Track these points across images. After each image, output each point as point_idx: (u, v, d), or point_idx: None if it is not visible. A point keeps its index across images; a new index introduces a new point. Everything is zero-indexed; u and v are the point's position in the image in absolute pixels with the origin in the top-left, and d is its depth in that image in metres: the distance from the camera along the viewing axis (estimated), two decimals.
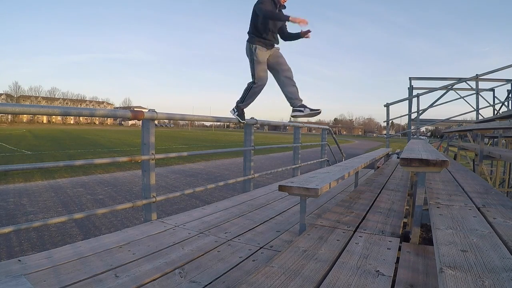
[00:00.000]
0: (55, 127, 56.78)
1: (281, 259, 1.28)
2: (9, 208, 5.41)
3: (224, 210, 2.70)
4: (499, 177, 6.48)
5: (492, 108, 7.45)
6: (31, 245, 3.94)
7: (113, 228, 4.46)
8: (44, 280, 1.39)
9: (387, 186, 3.03)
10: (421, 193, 1.69)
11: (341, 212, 2.05)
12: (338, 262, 1.28)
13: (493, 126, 3.78)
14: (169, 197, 2.64)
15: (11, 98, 72.41)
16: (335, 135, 6.80)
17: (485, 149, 4.11)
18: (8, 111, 1.63)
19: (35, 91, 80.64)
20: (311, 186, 1.75)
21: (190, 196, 6.53)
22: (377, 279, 1.13)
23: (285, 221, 2.42)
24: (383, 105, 6.76)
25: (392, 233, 1.66)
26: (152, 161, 2.36)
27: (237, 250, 1.81)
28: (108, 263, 1.58)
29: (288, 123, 6.46)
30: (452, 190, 2.16)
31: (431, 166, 1.62)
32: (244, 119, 3.19)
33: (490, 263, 0.94)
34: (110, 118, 42.86)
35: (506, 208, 1.64)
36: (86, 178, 8.57)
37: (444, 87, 7.32)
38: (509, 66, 6.63)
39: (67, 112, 1.90)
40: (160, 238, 1.98)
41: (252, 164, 3.60)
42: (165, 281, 1.42)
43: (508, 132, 5.41)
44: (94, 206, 5.75)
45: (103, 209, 2.16)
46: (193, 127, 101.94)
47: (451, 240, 1.14)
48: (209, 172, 10.34)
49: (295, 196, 1.90)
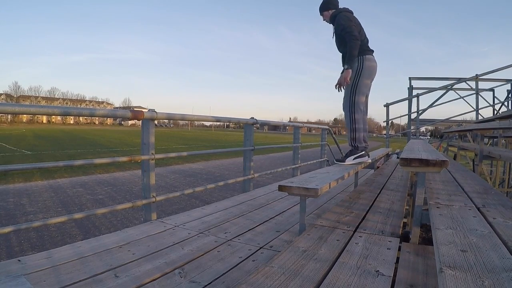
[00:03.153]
0: (55, 127, 56.74)
1: (281, 259, 1.28)
2: (9, 208, 5.41)
3: (224, 210, 2.70)
4: (499, 177, 6.48)
5: (492, 108, 7.45)
6: (31, 245, 3.94)
7: (113, 228, 4.46)
8: (44, 280, 1.39)
9: (387, 186, 3.03)
10: (421, 193, 1.69)
11: (341, 212, 2.05)
12: (338, 262, 1.28)
13: (493, 126, 3.78)
14: (169, 197, 2.64)
15: (11, 98, 72.38)
16: (335, 135, 6.80)
17: (485, 149, 4.11)
18: (8, 111, 1.63)
19: (34, 91, 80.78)
20: (311, 186, 1.75)
21: (190, 196, 6.53)
22: (377, 279, 1.13)
23: (285, 221, 2.42)
24: (383, 105, 6.77)
25: (392, 233, 1.66)
26: (152, 161, 2.35)
27: (237, 250, 1.80)
28: (108, 263, 1.57)
29: (288, 123, 6.47)
30: (452, 190, 2.16)
31: (431, 166, 1.62)
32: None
33: (490, 263, 0.94)
34: (110, 118, 42.49)
35: (506, 208, 1.64)
36: (86, 178, 8.56)
37: (444, 87, 7.32)
38: (508, 66, 6.63)
39: (67, 112, 1.90)
40: (160, 238, 1.97)
41: (252, 164, 3.60)
42: (165, 281, 1.42)
43: (508, 132, 5.41)
44: (94, 206, 5.75)
45: (103, 209, 2.16)
46: (193, 127, 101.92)
47: (451, 240, 1.14)
48: (209, 172, 10.34)
49: (295, 196, 1.90)
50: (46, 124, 70.49)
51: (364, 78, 2.61)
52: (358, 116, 2.64)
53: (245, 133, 3.64)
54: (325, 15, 2.81)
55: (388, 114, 6.77)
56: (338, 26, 2.61)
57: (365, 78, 2.62)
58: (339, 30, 2.59)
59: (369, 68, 2.63)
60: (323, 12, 2.82)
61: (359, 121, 2.64)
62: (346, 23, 2.54)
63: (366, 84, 2.65)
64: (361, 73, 2.60)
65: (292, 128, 5.19)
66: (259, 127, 54.47)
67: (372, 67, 2.67)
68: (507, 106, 7.66)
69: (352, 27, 2.52)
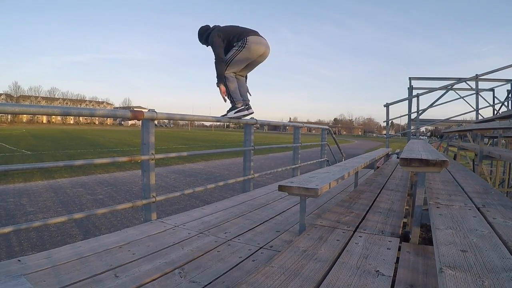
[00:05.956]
0: (55, 127, 56.75)
1: (281, 259, 1.28)
2: (9, 208, 5.41)
3: (224, 210, 2.70)
4: (499, 177, 6.48)
5: (492, 108, 7.45)
6: (31, 245, 3.93)
7: (113, 228, 4.46)
8: (44, 280, 1.39)
9: (387, 186, 3.03)
10: (421, 193, 1.69)
11: (341, 212, 2.05)
12: (338, 262, 1.28)
13: (493, 126, 3.78)
14: (169, 197, 2.64)
15: (11, 98, 72.40)
16: (335, 135, 6.80)
17: (485, 149, 4.11)
18: (8, 111, 1.63)
19: (34, 91, 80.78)
20: (311, 186, 1.75)
21: (190, 196, 6.53)
22: (377, 279, 1.13)
23: (285, 221, 2.42)
24: (383, 105, 6.77)
25: (392, 233, 1.66)
26: (152, 161, 2.35)
27: (237, 250, 1.80)
28: (108, 263, 1.57)
29: (288, 123, 6.46)
30: (452, 190, 2.16)
31: (431, 166, 1.62)
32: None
33: (490, 263, 0.94)
34: (110, 118, 42.34)
35: (506, 208, 1.64)
36: (86, 178, 8.56)
37: (444, 87, 7.32)
38: (508, 66, 6.63)
39: (67, 112, 1.90)
40: (160, 238, 1.97)
41: (252, 164, 3.60)
42: (165, 281, 1.42)
43: (508, 132, 5.41)
44: (94, 206, 5.75)
45: (103, 209, 2.16)
46: (193, 127, 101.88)
47: (451, 240, 1.14)
48: (209, 172, 10.34)
49: (295, 196, 1.90)
50: (46, 124, 70.50)
51: (241, 55, 2.96)
52: (229, 82, 3.01)
53: (245, 133, 3.64)
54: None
55: (388, 114, 6.77)
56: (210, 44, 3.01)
57: (242, 55, 2.97)
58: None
59: (250, 48, 2.96)
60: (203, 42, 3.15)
61: (230, 85, 3.02)
62: (214, 45, 2.95)
63: (240, 60, 2.99)
64: (243, 50, 2.95)
65: (292, 128, 5.19)
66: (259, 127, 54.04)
67: (255, 48, 2.99)
68: (507, 106, 7.66)
69: (219, 48, 2.93)
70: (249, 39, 2.93)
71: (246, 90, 3.28)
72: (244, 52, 2.94)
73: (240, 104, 3.10)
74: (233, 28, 3.04)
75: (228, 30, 3.01)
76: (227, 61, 2.95)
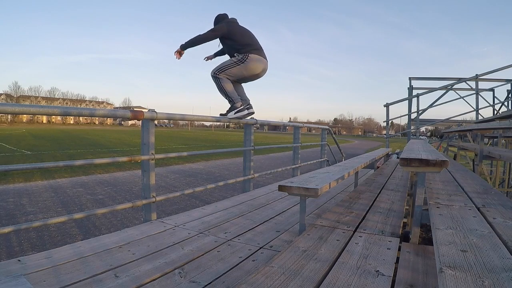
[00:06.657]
0: (55, 127, 56.75)
1: (281, 259, 1.28)
2: (9, 208, 5.41)
3: (224, 210, 2.70)
4: (499, 177, 6.48)
5: (492, 108, 7.46)
6: (31, 245, 3.94)
7: (113, 228, 4.46)
8: (44, 280, 1.39)
9: (387, 186, 3.03)
10: (421, 193, 1.69)
11: (341, 212, 2.05)
12: (338, 262, 1.28)
13: (493, 126, 3.78)
14: (169, 197, 2.64)
15: (11, 98, 72.37)
16: (335, 135, 6.80)
17: (485, 149, 4.11)
18: (8, 111, 1.63)
19: (34, 91, 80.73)
20: (311, 186, 1.75)
21: (190, 196, 6.53)
22: (377, 279, 1.13)
23: (285, 221, 2.42)
24: (383, 105, 6.77)
25: (392, 233, 1.66)
26: (152, 161, 2.35)
27: (237, 250, 1.80)
28: (108, 263, 1.57)
29: (288, 123, 6.47)
30: (452, 190, 2.16)
31: (431, 166, 1.62)
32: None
33: (490, 263, 0.94)
34: (110, 118, 42.70)
35: (506, 208, 1.64)
36: (86, 178, 8.56)
37: (444, 87, 7.32)
38: (508, 66, 6.64)
39: (67, 112, 1.90)
40: (160, 238, 1.97)
41: (252, 164, 3.60)
42: (165, 281, 1.42)
43: (508, 132, 5.41)
44: (94, 206, 5.75)
45: (103, 209, 2.16)
46: (193, 127, 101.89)
47: (451, 240, 1.14)
48: (209, 172, 10.34)
49: (295, 196, 1.90)
50: (46, 124, 70.48)
51: (237, 70, 3.00)
52: (224, 83, 3.02)
53: (245, 133, 3.64)
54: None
55: (388, 114, 6.77)
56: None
57: (238, 70, 3.01)
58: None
59: (247, 66, 3.01)
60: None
61: (227, 86, 3.03)
62: (213, 29, 2.99)
63: (234, 74, 3.03)
64: (240, 65, 2.99)
65: (292, 128, 5.19)
66: (259, 127, 54.44)
67: (252, 67, 3.03)
68: (507, 106, 7.67)
69: (212, 33, 2.93)
70: (251, 57, 2.97)
71: (243, 91, 3.29)
72: (240, 67, 2.97)
73: (239, 104, 3.10)
74: (243, 33, 3.04)
75: (237, 31, 3.01)
76: (222, 68, 2.98)
